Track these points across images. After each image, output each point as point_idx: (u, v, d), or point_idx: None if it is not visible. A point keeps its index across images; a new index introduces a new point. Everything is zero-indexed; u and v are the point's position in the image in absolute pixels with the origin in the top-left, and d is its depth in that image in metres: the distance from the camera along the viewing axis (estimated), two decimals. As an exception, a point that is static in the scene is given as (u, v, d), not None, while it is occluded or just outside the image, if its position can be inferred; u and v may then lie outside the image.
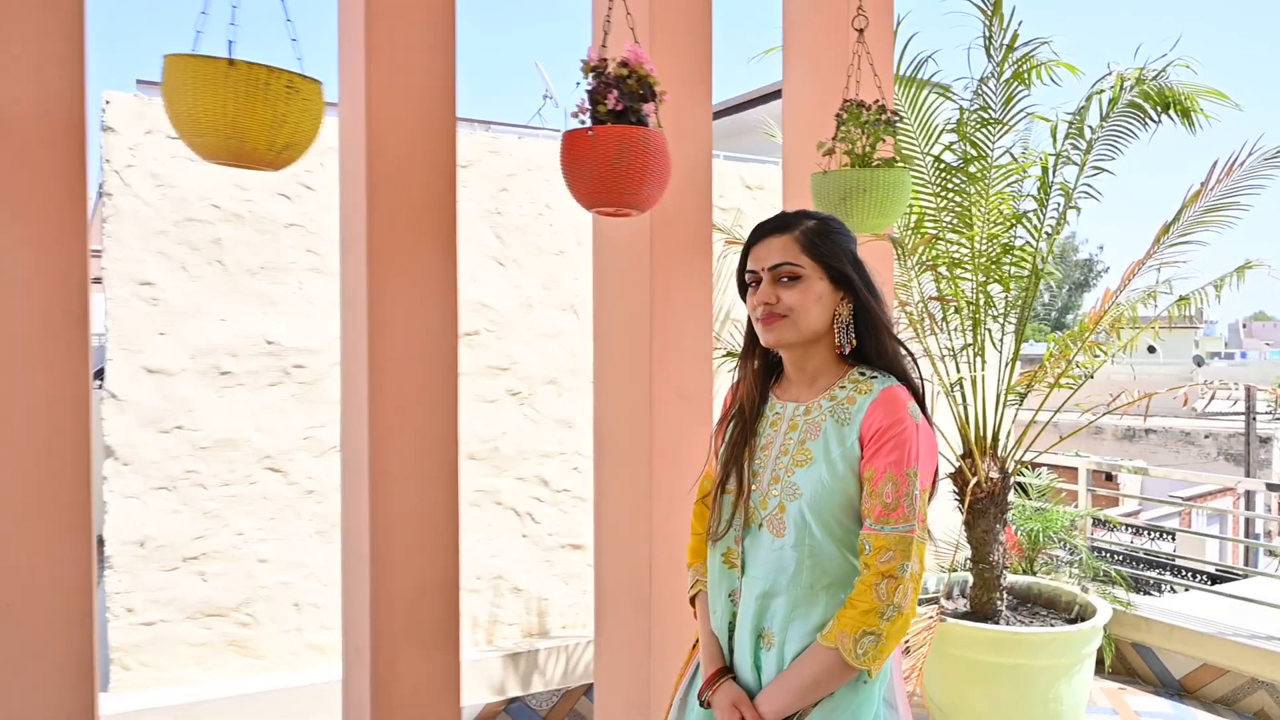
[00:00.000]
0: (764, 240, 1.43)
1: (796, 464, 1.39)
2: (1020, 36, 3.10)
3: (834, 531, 1.34)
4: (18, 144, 1.51)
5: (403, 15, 1.87)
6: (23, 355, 1.53)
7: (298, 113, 1.37)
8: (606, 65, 1.78)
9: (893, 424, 1.32)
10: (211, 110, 1.32)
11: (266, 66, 1.33)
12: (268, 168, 1.42)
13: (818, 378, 1.44)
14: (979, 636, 3.09)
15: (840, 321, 1.41)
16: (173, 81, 1.33)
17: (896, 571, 1.28)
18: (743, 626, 1.40)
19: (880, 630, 1.27)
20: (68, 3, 1.56)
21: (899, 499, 1.30)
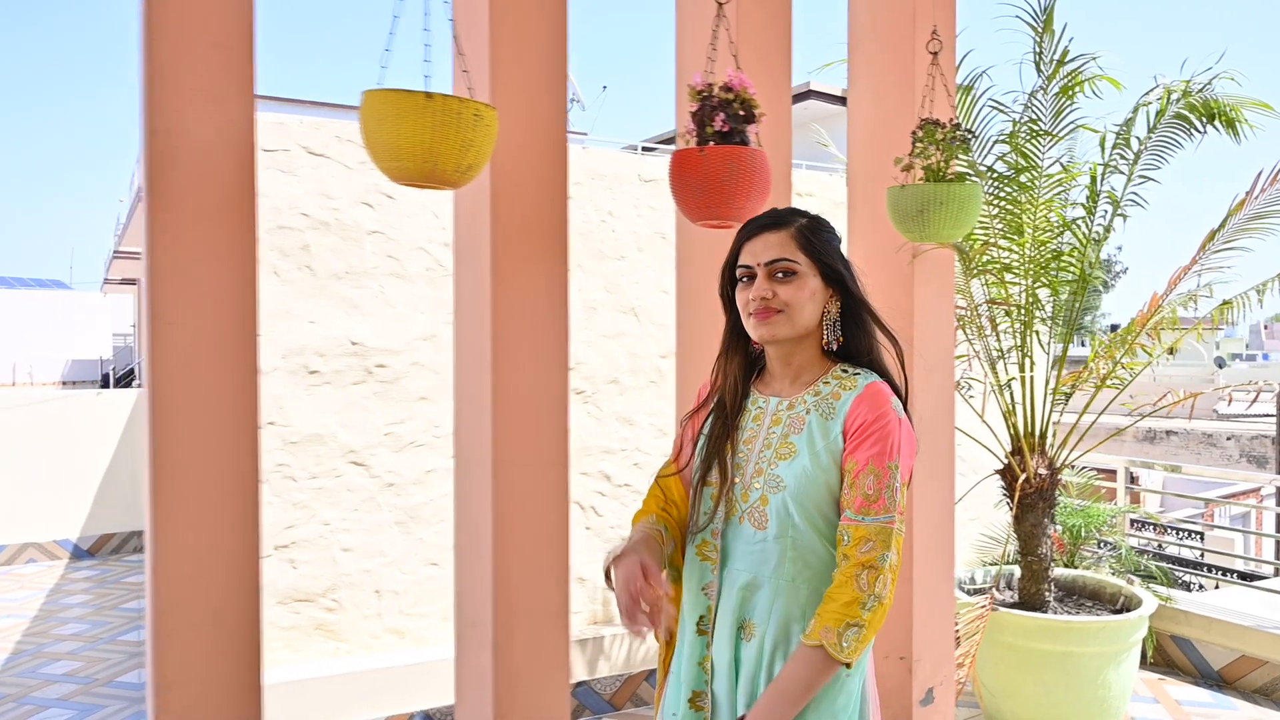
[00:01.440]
0: (759, 236, 1.45)
1: (780, 457, 1.40)
2: (1069, 52, 3.24)
3: (816, 523, 1.37)
4: (201, 167, 1.69)
5: (523, 36, 2.04)
6: (206, 353, 1.71)
7: (482, 137, 1.54)
8: (712, 90, 1.95)
9: (877, 418, 1.35)
10: (411, 138, 1.49)
11: (458, 98, 1.51)
12: (450, 186, 1.60)
13: (802, 373, 1.46)
14: (1030, 625, 3.24)
15: (829, 318, 1.44)
16: (374, 113, 1.50)
17: (877, 562, 1.29)
18: (723, 619, 1.41)
19: (863, 620, 1.28)
20: (240, 42, 1.74)
21: (880, 490, 1.32)
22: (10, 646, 4.65)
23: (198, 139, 1.69)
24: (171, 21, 1.67)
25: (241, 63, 1.74)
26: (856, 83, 2.88)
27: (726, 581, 1.42)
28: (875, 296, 2.78)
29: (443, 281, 3.61)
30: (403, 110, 1.52)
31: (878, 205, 2.78)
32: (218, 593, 1.74)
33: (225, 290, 1.73)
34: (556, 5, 2.10)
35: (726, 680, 1.40)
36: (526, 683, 2.07)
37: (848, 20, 2.90)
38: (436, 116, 1.52)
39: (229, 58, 1.73)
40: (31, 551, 6.47)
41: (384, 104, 1.52)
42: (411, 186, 1.64)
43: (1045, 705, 3.25)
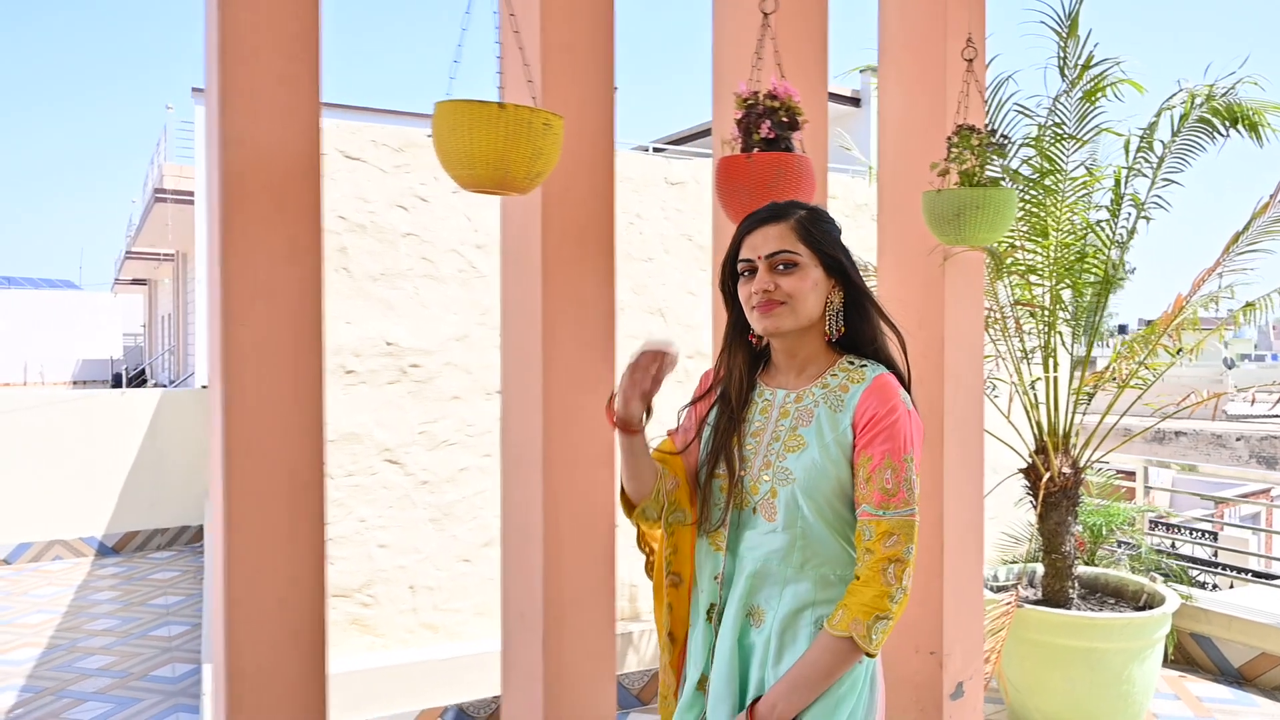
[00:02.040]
0: (759, 229, 1.45)
1: (789, 449, 1.41)
2: (1094, 56, 3.29)
3: (825, 514, 1.38)
4: (271, 176, 1.75)
5: (574, 48, 2.10)
6: (274, 352, 1.77)
7: (550, 145, 1.60)
8: (759, 97, 2.01)
9: (888, 411, 1.35)
10: (484, 147, 1.55)
11: (529, 108, 1.57)
12: (518, 192, 1.66)
13: (807, 365, 1.46)
14: (1055, 621, 3.29)
15: (832, 309, 1.44)
16: (448, 123, 1.56)
17: (903, 555, 1.31)
18: (732, 605, 1.43)
19: (891, 612, 1.30)
20: (307, 53, 1.80)
21: (899, 484, 1.33)
22: (44, 641, 4.73)
23: (268, 148, 1.76)
24: (244, 34, 1.73)
25: (309, 74, 1.80)
26: (887, 89, 2.93)
27: (737, 571, 1.44)
28: (906, 299, 2.84)
29: (475, 283, 3.68)
30: (477, 120, 1.57)
31: (908, 209, 2.84)
32: (285, 584, 1.80)
33: (293, 292, 1.80)
34: (604, 18, 2.16)
35: (727, 666, 1.42)
36: (574, 674, 2.13)
37: (878, 28, 2.95)
38: (509, 126, 1.58)
39: (298, 69, 1.79)
40: (58, 548, 6.55)
41: (458, 114, 1.58)
42: (480, 192, 1.70)
43: (1070, 700, 3.30)
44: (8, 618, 5.17)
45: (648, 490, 1.49)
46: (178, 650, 4.57)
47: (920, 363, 2.81)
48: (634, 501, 1.52)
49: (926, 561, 2.79)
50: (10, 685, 4.12)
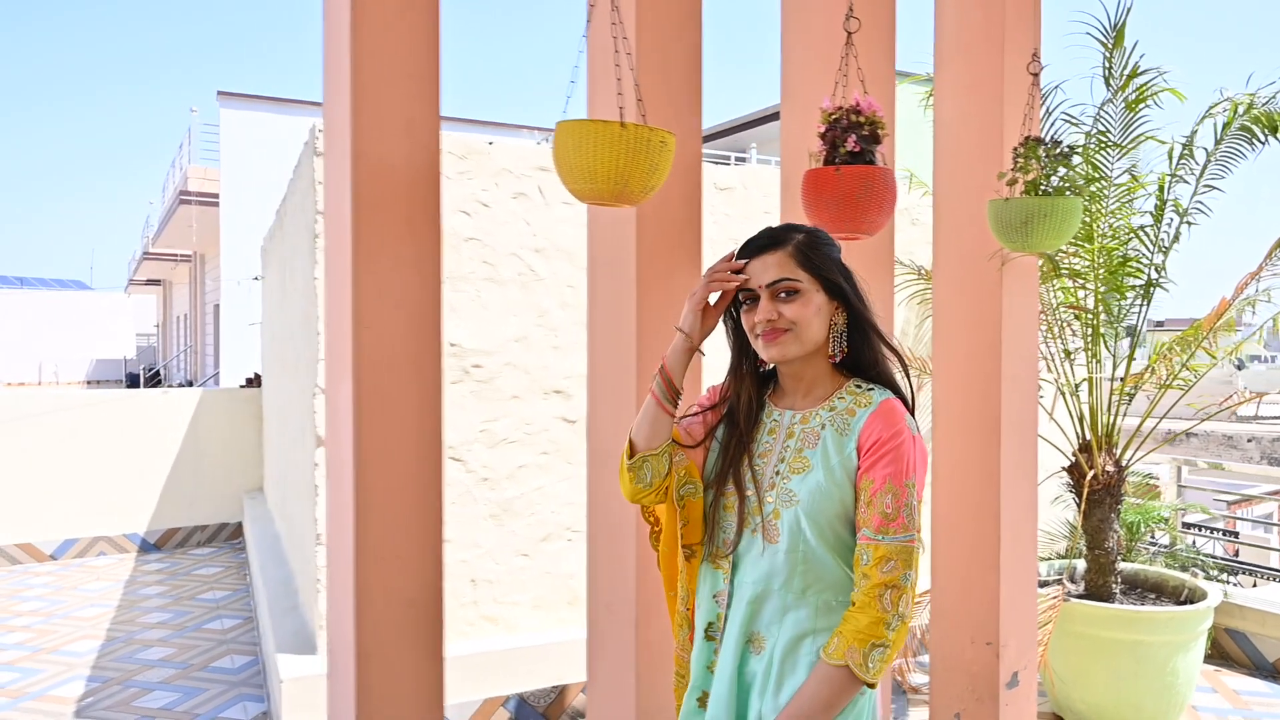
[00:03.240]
0: (758, 257, 1.45)
1: (794, 471, 1.40)
2: (1139, 66, 3.39)
3: (827, 538, 1.37)
4: (395, 186, 1.87)
5: (666, 63, 2.21)
6: (401, 354, 1.88)
7: (665, 161, 1.71)
8: (843, 113, 2.12)
9: (892, 435, 1.35)
10: (607, 163, 1.66)
11: (648, 127, 1.67)
12: (631, 205, 1.76)
13: (814, 387, 1.46)
14: (1101, 615, 3.39)
15: (835, 330, 1.44)
16: (573, 140, 1.66)
17: (900, 581, 1.29)
18: (731, 627, 1.42)
19: (888, 640, 1.28)
20: (429, 70, 1.91)
21: (899, 509, 1.31)
22: (102, 634, 4.85)
23: (393, 161, 1.87)
24: (374, 55, 1.84)
25: (430, 90, 1.92)
26: (943, 100, 3.03)
27: (736, 592, 1.43)
28: (963, 303, 2.95)
29: (534, 286, 3.79)
30: (600, 138, 1.68)
31: (964, 216, 2.94)
32: (408, 571, 1.91)
33: (416, 297, 1.91)
34: (693, 33, 2.27)
35: (726, 691, 1.41)
36: (664, 662, 2.24)
37: (934, 40, 3.05)
38: (630, 143, 1.68)
39: (420, 86, 1.90)
40: (102, 545, 6.69)
41: (582, 132, 1.68)
42: (597, 204, 1.80)
43: (1115, 692, 3.40)
44: (63, 611, 5.30)
45: (656, 446, 1.49)
46: (233, 643, 4.69)
47: (977, 364, 2.92)
48: (638, 449, 1.50)
49: (983, 555, 2.89)
50: (77, 675, 4.24)
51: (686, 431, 1.55)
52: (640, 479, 1.50)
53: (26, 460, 6.50)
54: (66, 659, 4.47)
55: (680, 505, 1.52)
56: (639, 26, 2.16)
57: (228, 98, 12.27)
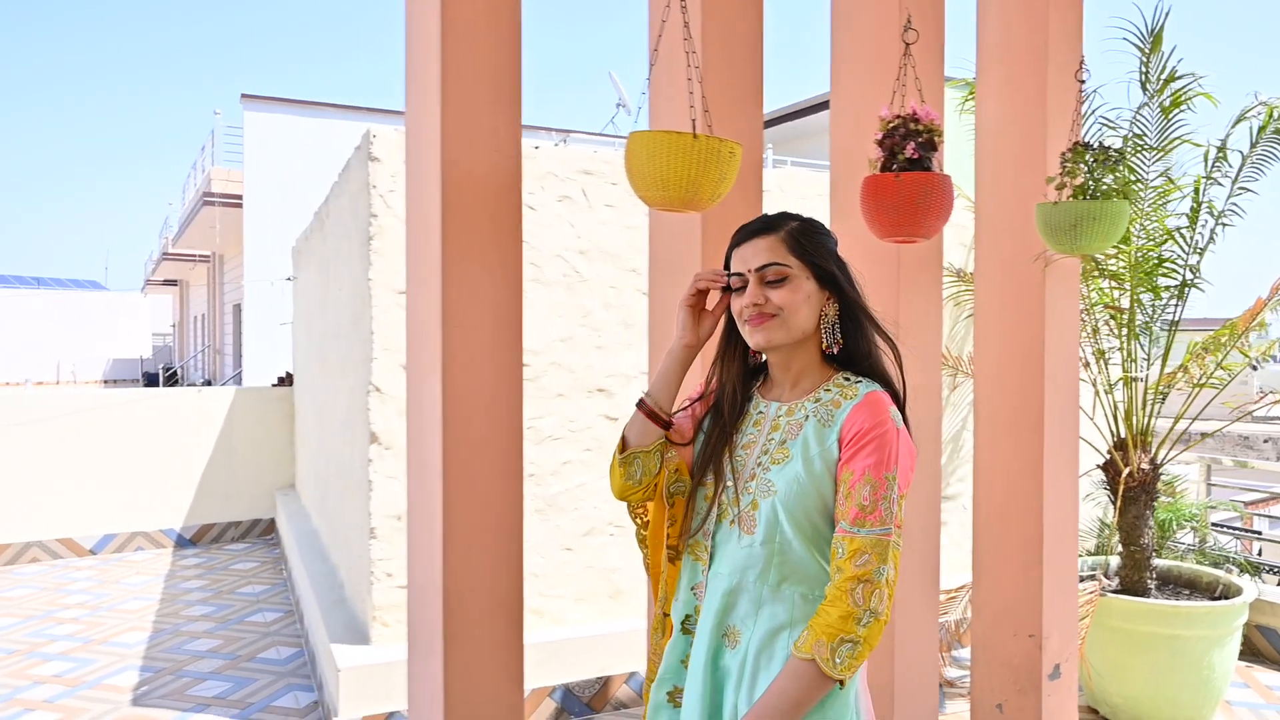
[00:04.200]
0: (749, 241, 1.44)
1: (774, 462, 1.38)
2: (1176, 71, 3.46)
3: (805, 531, 1.34)
4: (485, 193, 1.96)
5: (729, 73, 2.29)
6: (484, 351, 1.97)
7: (733, 170, 1.80)
8: (902, 121, 2.20)
9: (873, 426, 1.31)
10: (679, 172, 1.74)
11: (717, 138, 1.76)
12: (698, 211, 1.85)
13: (802, 379, 1.44)
14: (1138, 610, 3.45)
15: (827, 321, 1.41)
16: (646, 150, 1.75)
17: (872, 575, 1.25)
18: (705, 621, 1.40)
19: (858, 636, 1.24)
20: (511, 81, 2.00)
21: (876, 502, 1.28)
22: (149, 626, 4.97)
23: (480, 168, 1.96)
24: (462, 67, 1.93)
25: (512, 100, 2.01)
26: (985, 106, 3.10)
27: (711, 583, 1.41)
28: (1006, 304, 3.02)
29: (578, 287, 3.88)
30: (673, 149, 1.76)
31: (1006, 219, 3.02)
32: (491, 557, 2.00)
33: (499, 298, 2.00)
34: (755, 46, 2.35)
35: (700, 685, 1.38)
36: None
37: (976, 47, 3.13)
38: (701, 153, 1.77)
39: (503, 96, 1.99)
40: (139, 540, 6.82)
41: (656, 143, 1.77)
42: (667, 211, 1.88)
43: (1152, 685, 3.46)
44: (108, 604, 5.42)
45: (648, 444, 1.47)
46: (277, 635, 4.79)
47: (1020, 364, 2.99)
48: (630, 444, 1.48)
49: (1026, 549, 2.96)
50: (129, 665, 4.35)
51: (677, 429, 1.53)
52: (630, 475, 1.48)
53: (66, 457, 6.63)
54: (117, 650, 4.58)
55: (669, 503, 1.50)
56: (705, 40, 2.25)
57: (251, 100, 12.41)
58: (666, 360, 1.51)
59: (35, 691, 4.04)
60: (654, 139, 1.77)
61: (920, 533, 2.65)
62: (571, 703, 3.71)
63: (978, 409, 3.13)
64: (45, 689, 4.06)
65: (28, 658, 4.49)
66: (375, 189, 3.52)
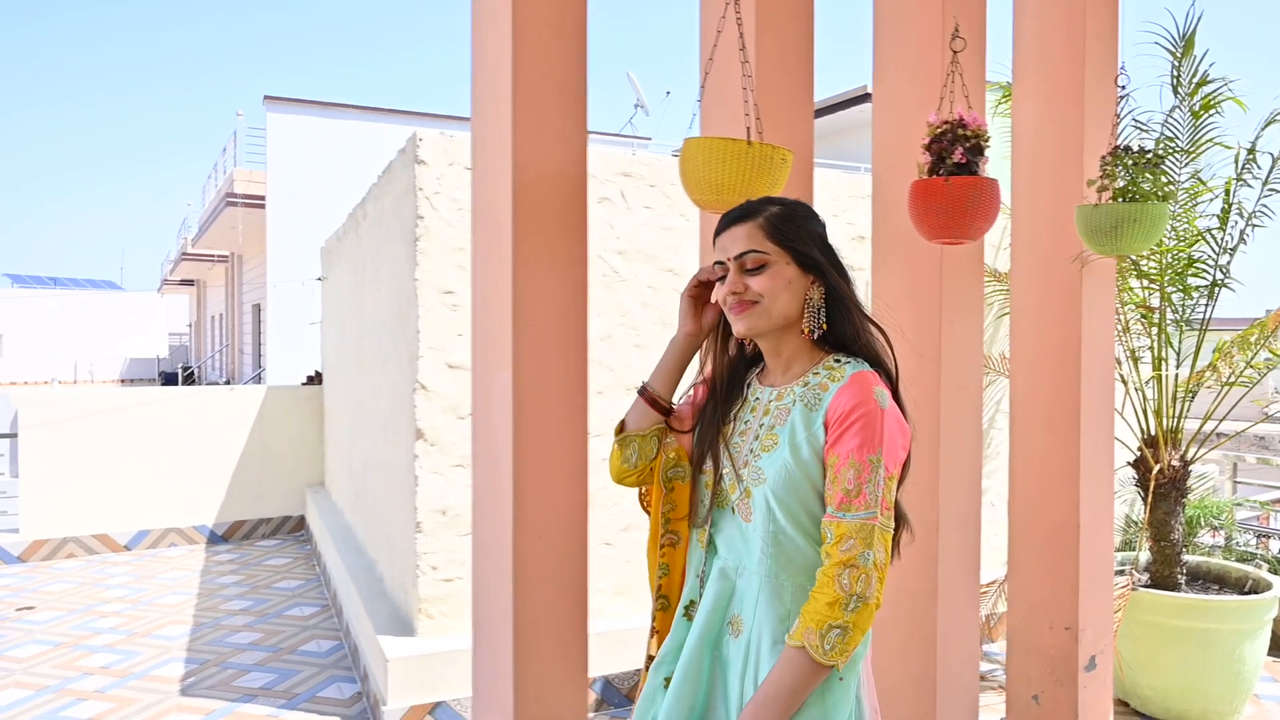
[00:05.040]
0: (728, 230, 1.43)
1: (764, 449, 1.38)
2: (1209, 75, 3.52)
3: (799, 519, 1.32)
4: (554, 194, 2.04)
5: (779, 80, 2.37)
6: (555, 349, 2.05)
7: (784, 175, 1.87)
8: (950, 127, 2.27)
9: (855, 407, 1.29)
10: (734, 178, 1.82)
11: (770, 145, 1.83)
12: None
13: (792, 364, 1.43)
14: (1170, 604, 3.51)
15: (811, 306, 1.40)
16: (702, 156, 1.82)
17: (858, 560, 1.24)
18: (704, 606, 1.39)
19: (846, 622, 1.23)
20: (577, 86, 2.08)
21: (861, 485, 1.27)
22: (189, 620, 5.08)
23: (548, 172, 2.04)
24: (533, 74, 2.02)
25: (578, 105, 2.09)
26: (1022, 109, 3.17)
27: (713, 570, 1.41)
28: (1043, 304, 3.08)
29: (617, 287, 3.96)
30: (728, 155, 1.83)
31: (1043, 220, 3.08)
32: (559, 550, 2.08)
33: (566, 295, 2.08)
34: (806, 54, 2.43)
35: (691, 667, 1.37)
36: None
37: (1013, 51, 3.19)
38: (755, 160, 1.84)
39: (569, 101, 2.07)
40: (173, 536, 6.94)
41: (711, 149, 1.84)
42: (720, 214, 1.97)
43: (1183, 678, 3.52)
44: (147, 598, 5.53)
45: (645, 428, 1.50)
46: (315, 629, 4.89)
47: (1057, 362, 3.06)
48: (627, 427, 1.52)
49: (1063, 543, 3.03)
50: (174, 657, 4.46)
51: (677, 416, 1.55)
52: (626, 459, 1.51)
53: (100, 454, 6.75)
54: (161, 642, 4.69)
55: (668, 488, 1.50)
56: (758, 49, 2.32)
57: (274, 102, 12.55)
58: (669, 349, 1.54)
59: (85, 682, 4.15)
60: (709, 145, 1.85)
61: (959, 523, 2.71)
62: (611, 694, 3.79)
63: (1013, 406, 3.19)
64: (95, 680, 4.17)
65: (74, 650, 4.60)
66: (421, 191, 3.61)
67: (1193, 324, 3.82)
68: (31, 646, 4.65)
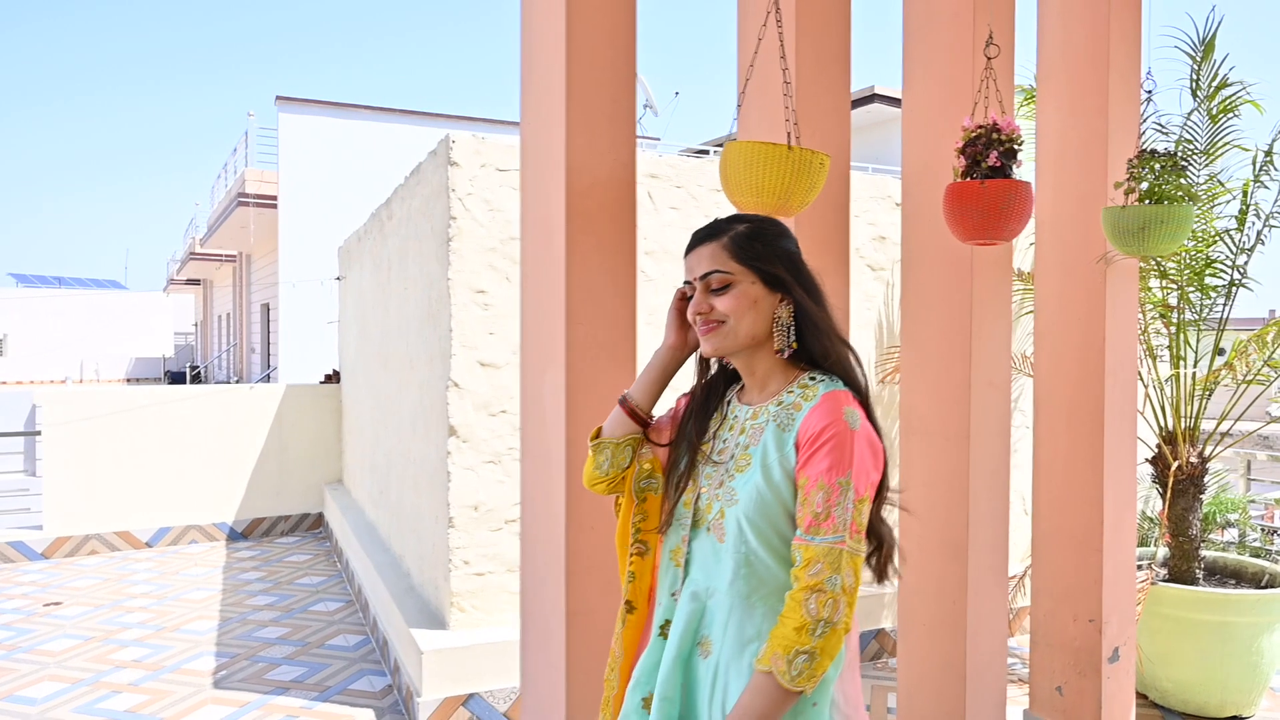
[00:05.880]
0: (695, 250, 1.42)
1: (738, 469, 1.36)
2: (1228, 79, 3.58)
3: (771, 541, 1.31)
4: (605, 198, 2.11)
5: (814, 95, 2.43)
6: (604, 346, 2.12)
7: (822, 179, 1.93)
8: (985, 131, 2.33)
9: (824, 428, 1.28)
10: (774, 181, 1.88)
11: (809, 150, 1.89)
12: (788, 216, 1.99)
13: (768, 382, 1.41)
14: (1190, 597, 3.57)
15: (781, 324, 1.38)
16: (743, 159, 1.89)
17: (825, 585, 1.23)
18: (677, 626, 1.38)
19: (813, 648, 1.22)
20: (626, 95, 2.15)
21: (829, 508, 1.25)
22: (215, 615, 5.15)
23: (600, 176, 2.11)
24: (586, 78, 2.08)
25: (628, 113, 2.16)
26: (1046, 112, 3.23)
27: (686, 589, 1.39)
28: (1068, 304, 3.14)
29: (644, 286, 4.02)
30: (769, 159, 1.90)
31: (1067, 221, 3.15)
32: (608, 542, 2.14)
33: (614, 295, 2.15)
34: (843, 61, 2.49)
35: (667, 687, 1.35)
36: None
37: (1037, 54, 3.26)
38: (794, 164, 1.90)
39: (620, 109, 2.14)
40: (193, 533, 7.01)
41: (753, 153, 1.90)
42: (759, 216, 2.03)
43: (1202, 670, 3.59)
44: (173, 594, 5.60)
45: (620, 436, 1.50)
46: (341, 623, 4.97)
47: (1081, 360, 3.12)
48: (603, 433, 1.52)
49: (1087, 537, 3.09)
50: (204, 651, 4.53)
51: (656, 428, 1.54)
52: (599, 465, 1.50)
53: (123, 452, 6.83)
54: (190, 637, 4.76)
55: (640, 498, 1.50)
56: (798, 56, 2.39)
57: (286, 102, 12.62)
58: (651, 360, 1.53)
59: (118, 675, 4.22)
60: (751, 149, 1.91)
61: (988, 516, 2.78)
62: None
63: (1038, 403, 3.26)
64: (128, 673, 4.24)
65: (105, 644, 4.67)
66: (454, 192, 3.68)
67: (1210, 323, 3.88)
68: (63, 640, 4.72)
